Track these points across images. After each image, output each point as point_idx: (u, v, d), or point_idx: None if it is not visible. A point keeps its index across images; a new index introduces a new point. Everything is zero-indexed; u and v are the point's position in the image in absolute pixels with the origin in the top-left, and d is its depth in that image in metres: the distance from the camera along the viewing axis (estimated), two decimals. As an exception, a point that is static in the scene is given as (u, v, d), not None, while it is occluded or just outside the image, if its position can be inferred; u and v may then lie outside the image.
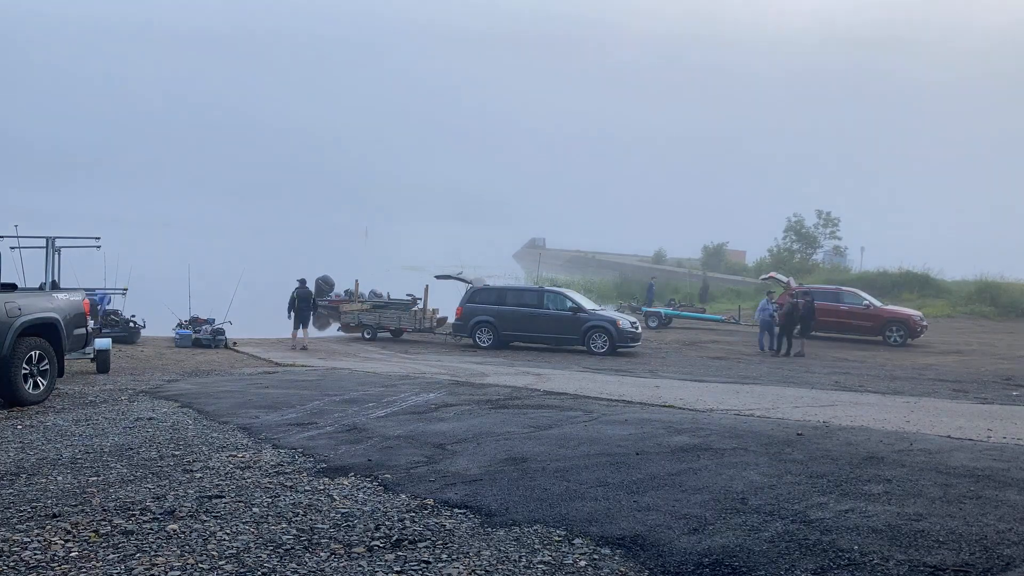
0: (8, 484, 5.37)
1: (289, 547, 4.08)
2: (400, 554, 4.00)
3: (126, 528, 4.34)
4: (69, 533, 4.25)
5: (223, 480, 5.48)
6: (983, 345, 22.32)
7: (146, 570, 3.74)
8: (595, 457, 6.14)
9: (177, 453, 6.39)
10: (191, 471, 5.75)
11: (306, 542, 4.17)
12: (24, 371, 8.93)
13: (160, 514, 4.61)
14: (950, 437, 7.45)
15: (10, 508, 4.75)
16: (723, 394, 11.37)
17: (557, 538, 4.25)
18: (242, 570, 3.76)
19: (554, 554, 4.01)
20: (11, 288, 9.47)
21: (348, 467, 5.87)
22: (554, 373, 14.67)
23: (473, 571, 3.79)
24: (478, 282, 24.01)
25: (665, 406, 9.56)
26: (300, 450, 6.49)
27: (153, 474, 5.66)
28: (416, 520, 4.56)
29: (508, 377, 13.38)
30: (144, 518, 4.54)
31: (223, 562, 3.85)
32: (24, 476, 5.60)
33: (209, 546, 4.07)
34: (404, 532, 4.34)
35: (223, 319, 20.67)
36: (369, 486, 5.34)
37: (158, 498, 4.97)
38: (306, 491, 5.20)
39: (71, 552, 3.97)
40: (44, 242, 16.67)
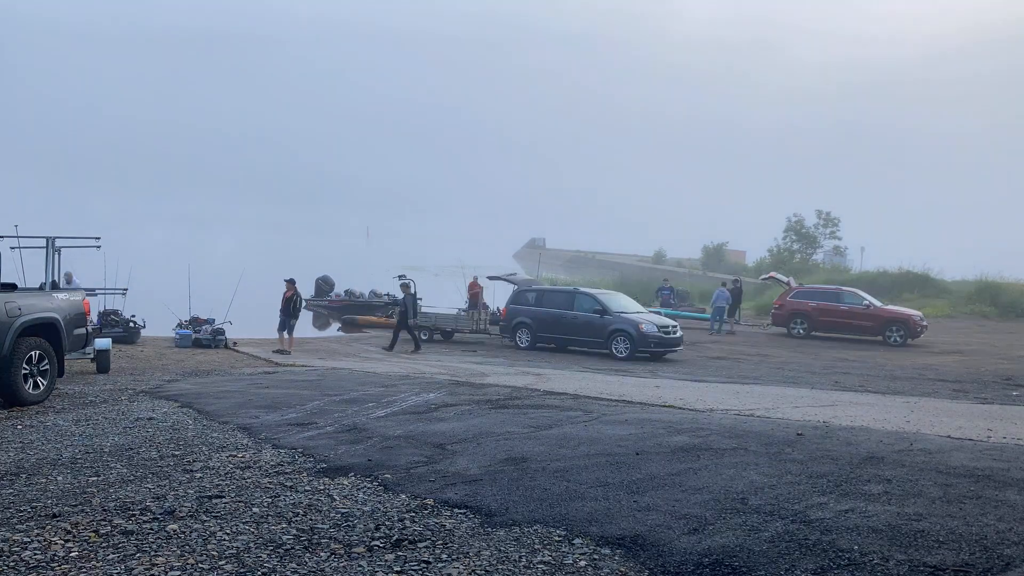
0: (8, 484, 5.37)
1: (289, 547, 4.09)
2: (400, 554, 4.00)
3: (126, 528, 4.35)
4: (69, 533, 4.25)
5: (223, 480, 5.48)
6: (983, 345, 22.32)
7: (146, 570, 3.74)
8: (595, 457, 6.14)
9: (177, 453, 6.39)
10: (191, 471, 5.75)
11: (306, 542, 4.17)
12: (24, 371, 8.93)
13: (160, 514, 4.61)
14: (950, 437, 7.45)
15: (10, 508, 4.75)
16: (723, 394, 11.37)
17: (557, 538, 4.25)
18: (242, 570, 3.76)
19: (554, 554, 4.01)
20: (11, 288, 9.48)
21: (348, 467, 5.87)
22: (554, 373, 14.67)
23: (473, 571, 3.79)
24: (524, 283, 24.06)
25: (665, 406, 9.56)
26: (300, 450, 6.50)
27: (153, 474, 5.66)
28: (416, 520, 4.56)
29: (508, 377, 13.38)
30: (144, 518, 4.54)
31: (223, 562, 3.85)
32: (24, 476, 5.61)
33: (209, 546, 4.07)
34: (404, 532, 4.34)
35: (223, 319, 20.67)
36: (369, 486, 5.34)
37: (158, 498, 4.97)
38: (306, 491, 5.20)
39: (71, 552, 3.97)
40: (44, 242, 16.68)
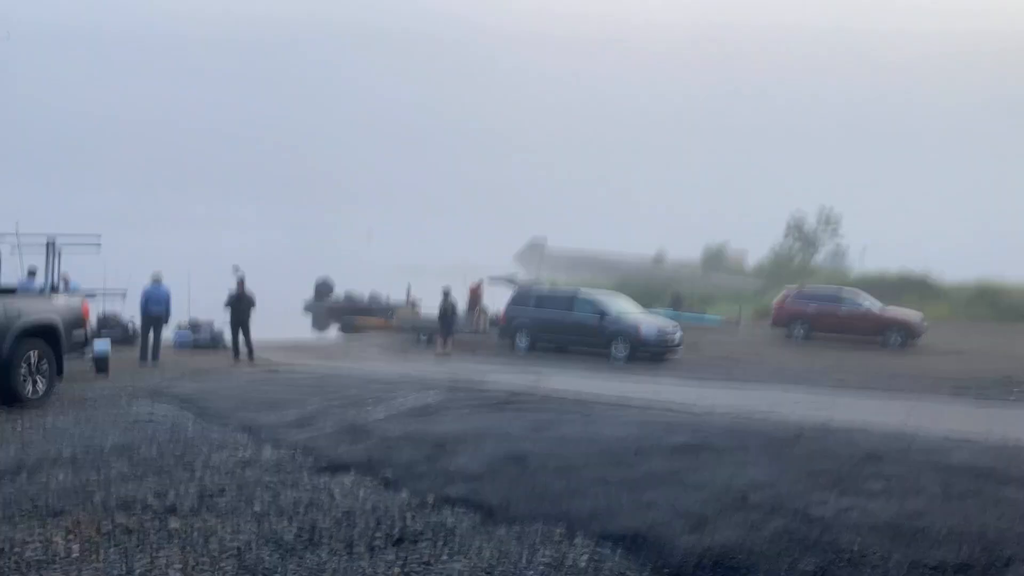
0: (9, 482, 5.37)
1: (290, 544, 4.09)
2: (401, 551, 4.01)
3: (127, 526, 4.35)
4: (71, 531, 4.25)
5: (224, 478, 5.48)
6: (983, 346, 22.31)
7: (147, 567, 3.74)
8: (595, 456, 6.14)
9: (177, 452, 6.39)
10: (192, 469, 5.75)
11: (307, 539, 4.17)
12: (24, 372, 8.94)
13: (161, 511, 4.62)
14: (950, 436, 7.45)
15: (11, 506, 4.75)
16: (723, 395, 11.37)
17: (558, 536, 4.25)
18: (243, 567, 3.76)
19: (555, 551, 4.02)
20: (10, 292, 9.50)
21: (349, 465, 5.87)
22: (553, 375, 14.68)
23: (474, 569, 3.79)
24: (524, 286, 24.04)
25: (665, 407, 9.56)
26: (301, 449, 6.49)
27: (154, 472, 5.66)
28: (417, 517, 4.56)
29: (508, 378, 13.38)
30: (145, 515, 4.54)
31: (224, 559, 3.85)
32: (25, 474, 5.60)
33: (210, 544, 4.08)
34: (405, 529, 4.35)
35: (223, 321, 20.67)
36: (370, 483, 5.34)
37: (159, 495, 4.97)
38: (307, 489, 5.20)
39: (73, 550, 3.97)
40: (44, 242, 16.65)
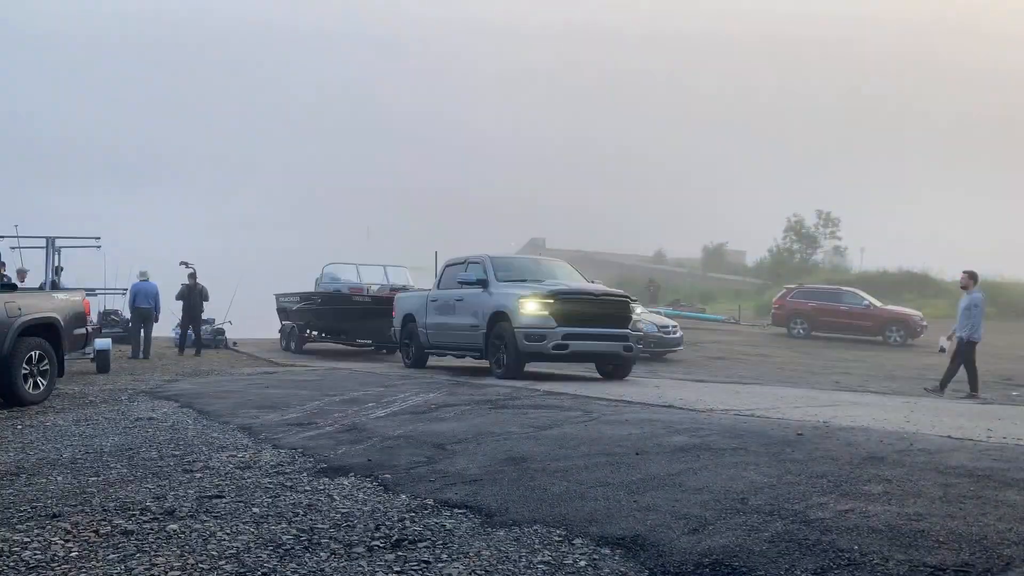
0: (8, 484, 5.37)
1: (289, 547, 4.08)
2: (400, 554, 4.00)
3: (126, 528, 4.34)
4: (69, 533, 4.25)
5: (223, 480, 5.48)
6: (983, 345, 22.28)
7: (146, 570, 3.74)
8: (595, 457, 6.14)
9: (177, 453, 6.39)
10: (191, 471, 5.75)
11: (306, 542, 4.17)
12: (24, 371, 8.94)
13: (160, 514, 4.61)
14: (950, 437, 7.44)
15: (10, 508, 4.75)
16: (723, 394, 11.37)
17: (557, 538, 4.25)
18: (242, 570, 3.76)
19: (554, 554, 4.01)
20: (11, 288, 9.49)
21: (348, 467, 5.88)
22: (554, 373, 14.67)
23: (473, 571, 3.79)
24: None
25: (665, 406, 9.56)
26: (300, 450, 6.50)
27: (153, 474, 5.66)
28: (416, 520, 4.56)
29: (509, 377, 13.37)
30: (144, 518, 4.54)
31: (223, 562, 3.85)
32: (24, 476, 5.61)
33: (209, 546, 4.07)
34: (404, 532, 4.34)
35: (223, 319, 20.64)
36: (369, 486, 5.34)
37: (158, 498, 4.97)
38: (306, 491, 5.20)
39: (71, 552, 3.97)
40: (44, 242, 16.70)
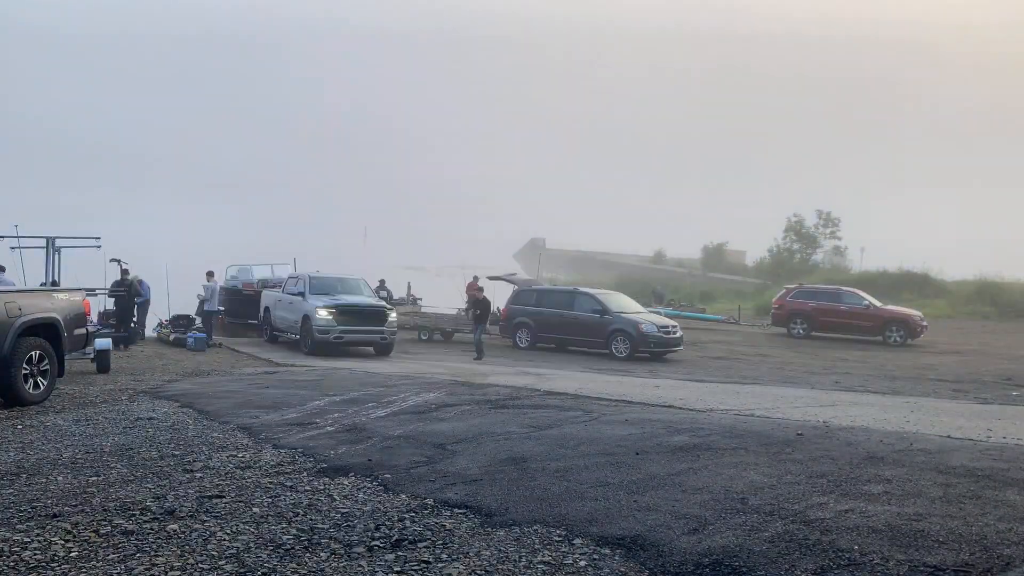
0: (8, 484, 5.37)
1: (289, 547, 4.09)
2: (400, 554, 4.00)
3: (126, 528, 4.35)
4: (69, 533, 4.25)
5: (223, 480, 5.48)
6: (983, 345, 22.32)
7: (146, 570, 3.74)
8: (595, 457, 6.14)
9: (177, 453, 6.39)
10: (191, 471, 5.75)
11: (306, 542, 4.17)
12: (24, 371, 8.94)
13: (160, 514, 4.61)
14: (950, 437, 7.44)
15: (10, 508, 4.75)
16: (723, 394, 11.36)
17: (557, 538, 4.25)
18: (242, 570, 3.76)
19: (554, 554, 4.01)
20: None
21: (348, 467, 5.88)
22: (554, 373, 14.67)
23: (473, 571, 3.79)
24: (525, 283, 24.08)
25: (665, 406, 9.56)
26: (300, 450, 6.50)
27: (153, 474, 5.66)
28: (416, 520, 4.56)
29: (508, 377, 13.37)
30: (144, 518, 4.54)
31: (223, 562, 3.85)
32: (24, 476, 5.61)
33: (209, 546, 4.08)
34: (404, 532, 4.34)
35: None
36: (369, 486, 5.34)
37: (158, 498, 4.97)
38: (306, 491, 5.20)
39: (71, 552, 3.97)
40: (44, 242, 16.70)
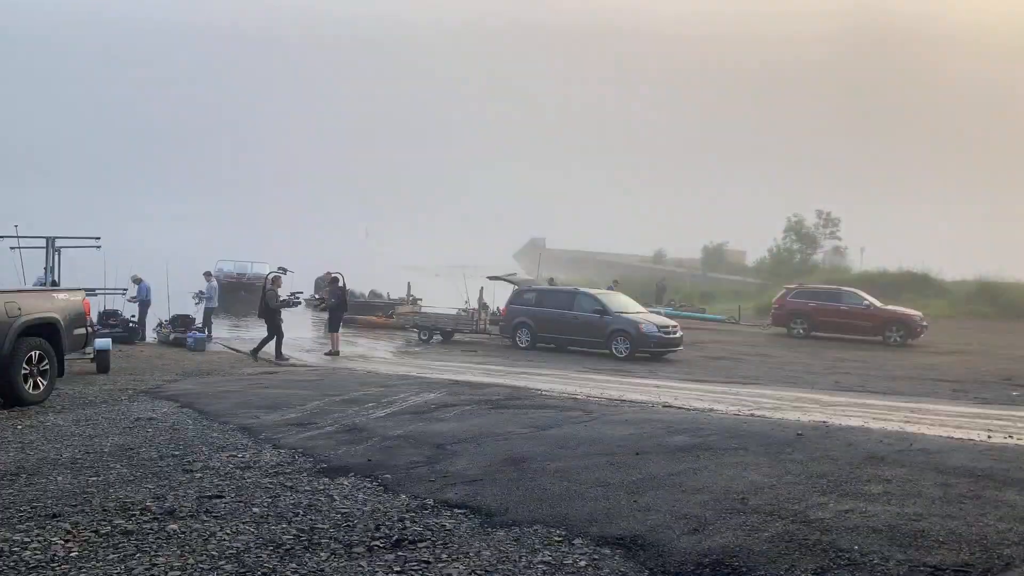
0: (8, 484, 5.37)
1: (289, 547, 4.09)
2: (400, 554, 4.00)
3: (126, 528, 4.35)
4: (69, 533, 4.25)
5: (223, 480, 5.48)
6: (983, 345, 22.31)
7: (146, 570, 3.74)
8: (595, 457, 6.13)
9: (177, 453, 6.39)
10: (191, 471, 5.75)
11: (306, 542, 4.17)
12: (24, 371, 8.93)
13: (160, 514, 4.61)
14: (950, 437, 7.45)
15: (10, 508, 4.75)
16: (723, 394, 11.37)
17: (557, 538, 4.25)
18: (242, 570, 3.76)
19: (554, 554, 4.02)
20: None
21: (348, 467, 5.88)
22: (554, 373, 14.68)
23: (473, 571, 3.79)
24: (524, 283, 24.13)
25: (665, 406, 9.56)
26: (300, 450, 6.49)
27: (153, 474, 5.66)
28: (416, 520, 4.56)
29: (508, 377, 13.38)
30: (144, 518, 4.54)
31: (223, 562, 3.85)
32: (24, 476, 5.60)
33: (209, 546, 4.08)
34: (404, 532, 4.34)
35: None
36: (369, 486, 5.34)
37: (158, 498, 4.97)
38: (306, 491, 5.20)
39: (71, 552, 3.97)
40: (44, 242, 16.68)
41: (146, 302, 20.24)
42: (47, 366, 9.32)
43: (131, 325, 19.32)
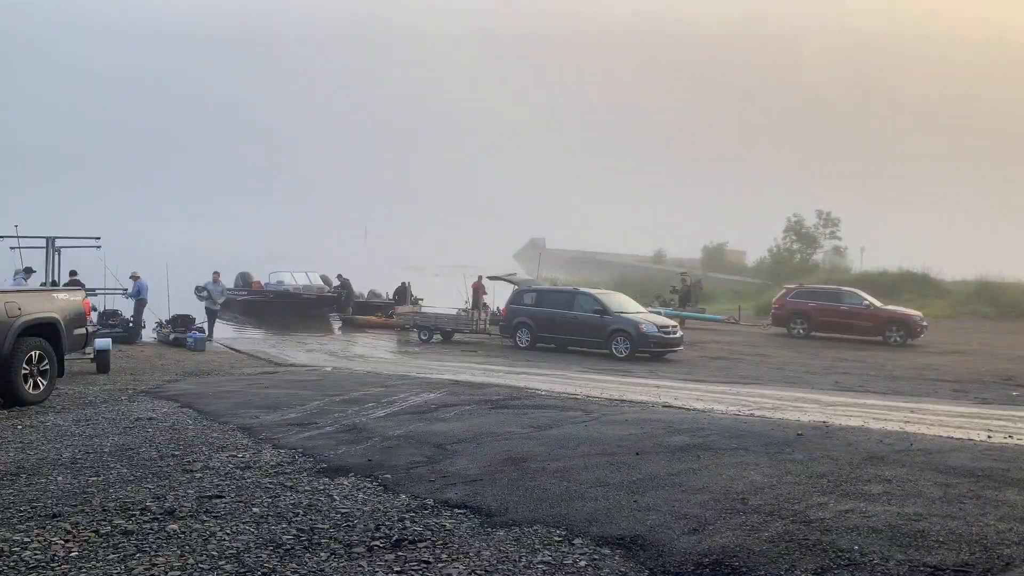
0: (8, 484, 5.37)
1: (289, 547, 4.09)
2: (400, 554, 4.00)
3: (126, 528, 4.35)
4: (69, 533, 4.25)
5: (223, 480, 5.48)
6: (983, 345, 22.31)
7: (146, 570, 3.74)
8: (595, 457, 6.13)
9: (177, 453, 6.39)
10: (191, 471, 5.75)
11: (306, 542, 4.17)
12: (24, 371, 8.93)
13: (160, 514, 4.61)
14: (950, 437, 7.45)
15: (10, 508, 4.75)
16: (723, 394, 11.37)
17: (557, 538, 4.25)
18: (242, 570, 3.76)
19: (554, 554, 4.02)
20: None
21: (348, 467, 5.88)
22: (554, 373, 14.68)
23: (473, 571, 3.79)
24: (524, 284, 24.17)
25: (665, 406, 9.56)
26: (300, 450, 6.50)
27: (153, 474, 5.66)
28: (416, 520, 4.56)
29: (508, 377, 13.38)
30: (144, 518, 4.54)
31: (223, 562, 3.85)
32: (24, 476, 5.61)
33: (209, 546, 4.08)
34: (404, 532, 4.34)
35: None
36: (369, 486, 5.34)
37: (158, 498, 4.97)
38: (306, 491, 5.20)
39: (71, 552, 3.97)
40: (44, 242, 16.70)
41: (142, 300, 20.21)
42: (47, 366, 9.32)
43: (131, 325, 19.33)
